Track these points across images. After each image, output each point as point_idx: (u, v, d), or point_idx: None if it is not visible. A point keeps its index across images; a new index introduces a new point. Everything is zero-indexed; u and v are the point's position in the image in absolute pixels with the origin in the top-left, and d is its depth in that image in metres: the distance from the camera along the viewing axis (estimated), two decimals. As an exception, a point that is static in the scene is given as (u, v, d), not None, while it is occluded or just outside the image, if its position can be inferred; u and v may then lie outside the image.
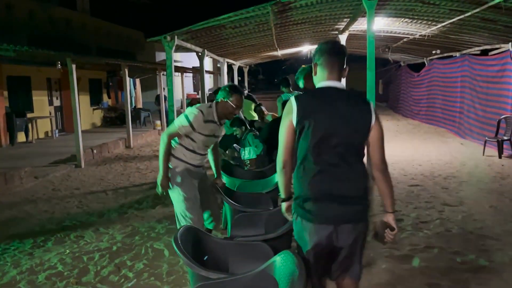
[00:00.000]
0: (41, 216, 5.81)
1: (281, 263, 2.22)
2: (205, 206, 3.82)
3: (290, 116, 2.25)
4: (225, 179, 4.80)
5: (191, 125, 3.52)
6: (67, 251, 4.46)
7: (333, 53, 2.32)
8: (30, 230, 5.24)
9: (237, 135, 6.55)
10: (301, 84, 4.52)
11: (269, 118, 8.41)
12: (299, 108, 2.22)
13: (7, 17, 12.74)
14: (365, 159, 2.34)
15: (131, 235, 4.86)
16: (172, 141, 3.61)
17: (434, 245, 4.24)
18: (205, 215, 3.84)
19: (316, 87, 2.36)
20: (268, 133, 6.39)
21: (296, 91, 5.51)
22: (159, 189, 3.62)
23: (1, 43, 6.70)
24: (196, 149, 3.64)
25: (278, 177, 2.40)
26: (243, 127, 6.51)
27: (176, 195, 3.61)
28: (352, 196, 2.24)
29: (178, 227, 3.51)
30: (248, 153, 6.17)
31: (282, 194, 2.44)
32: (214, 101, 3.67)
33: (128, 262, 4.12)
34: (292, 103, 2.25)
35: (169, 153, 3.57)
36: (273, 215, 3.51)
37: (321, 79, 2.34)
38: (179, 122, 3.56)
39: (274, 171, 5.22)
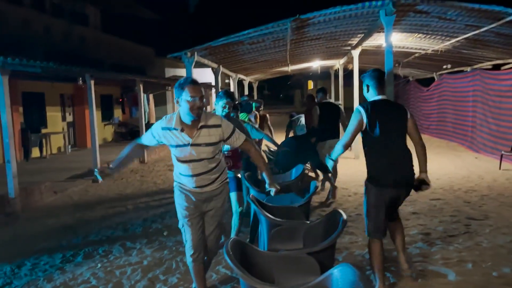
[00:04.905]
0: (65, 231, 5.82)
1: (340, 275, 2.23)
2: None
3: (361, 116, 3.41)
4: (252, 192, 4.81)
5: (151, 133, 3.16)
6: (99, 265, 4.46)
7: (381, 79, 3.57)
8: (57, 244, 5.25)
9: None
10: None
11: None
12: (367, 113, 3.40)
13: (24, 33, 12.96)
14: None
15: (160, 250, 4.86)
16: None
17: (467, 259, 4.22)
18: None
19: (371, 100, 3.56)
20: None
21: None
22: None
23: (28, 59, 6.79)
24: (181, 170, 3.17)
25: (338, 151, 3.58)
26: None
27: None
28: (408, 168, 3.50)
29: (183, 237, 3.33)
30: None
31: (334, 158, 3.70)
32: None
33: (161, 276, 4.11)
34: (360, 109, 3.44)
35: (128, 154, 3.32)
36: (311, 228, 3.52)
37: (374, 95, 3.56)
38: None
39: (298, 185, 5.27)
